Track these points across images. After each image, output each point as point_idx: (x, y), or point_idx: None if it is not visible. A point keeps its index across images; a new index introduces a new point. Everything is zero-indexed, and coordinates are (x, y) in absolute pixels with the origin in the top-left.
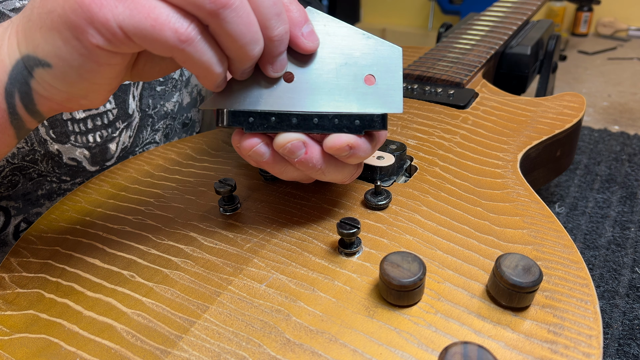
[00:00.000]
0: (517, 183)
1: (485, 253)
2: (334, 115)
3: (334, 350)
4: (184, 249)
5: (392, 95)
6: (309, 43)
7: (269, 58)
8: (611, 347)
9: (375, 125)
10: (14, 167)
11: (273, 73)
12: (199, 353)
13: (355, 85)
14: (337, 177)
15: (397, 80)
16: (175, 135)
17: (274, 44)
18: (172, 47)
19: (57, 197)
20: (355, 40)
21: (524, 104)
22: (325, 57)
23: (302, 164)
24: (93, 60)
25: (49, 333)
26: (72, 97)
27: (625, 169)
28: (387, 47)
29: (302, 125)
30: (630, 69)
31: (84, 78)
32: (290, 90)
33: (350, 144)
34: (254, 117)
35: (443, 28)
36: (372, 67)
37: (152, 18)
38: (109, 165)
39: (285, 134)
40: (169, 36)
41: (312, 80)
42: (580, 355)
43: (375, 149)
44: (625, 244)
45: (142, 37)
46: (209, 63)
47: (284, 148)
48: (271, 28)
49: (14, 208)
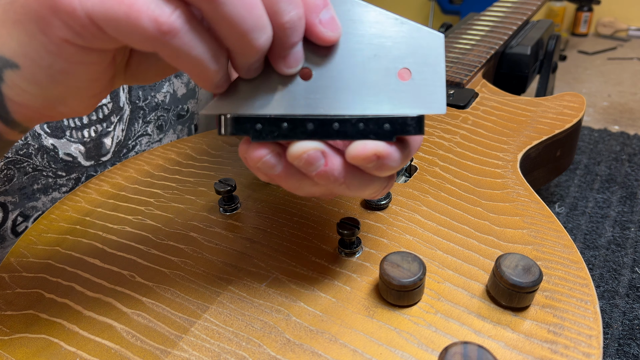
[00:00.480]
0: (517, 183)
1: (485, 253)
2: (358, 119)
3: (334, 350)
4: (184, 249)
5: (433, 93)
6: (328, 32)
7: (280, 50)
8: (611, 347)
9: (409, 130)
10: (8, 160)
11: (286, 69)
12: (199, 353)
13: (387, 81)
14: (364, 192)
15: (439, 75)
16: (170, 127)
17: (285, 32)
18: (153, 39)
19: (53, 191)
20: (386, 26)
21: (524, 104)
22: (350, 49)
23: (322, 177)
24: (63, 58)
25: (49, 333)
26: (48, 103)
27: (625, 169)
28: (426, 34)
29: (320, 131)
30: (630, 69)
31: (57, 80)
32: (308, 90)
33: (378, 153)
34: (262, 124)
35: (443, 28)
36: (407, 59)
37: (126, 4)
38: (105, 161)
39: (300, 143)
40: (147, 26)
41: (335, 77)
42: (580, 355)
43: (409, 158)
44: (625, 244)
45: (115, 28)
46: (201, 59)
47: (299, 159)
48: (281, 12)
49: (10, 203)
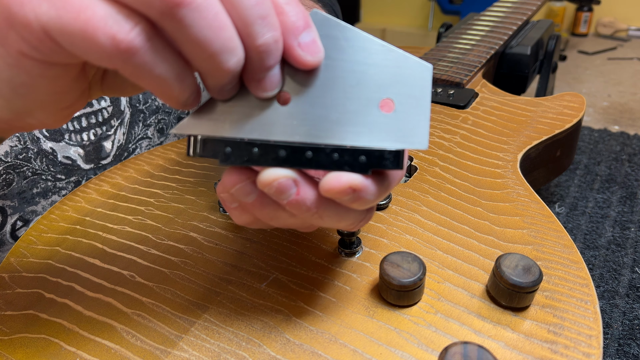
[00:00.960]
0: (517, 183)
1: (485, 253)
2: (333, 149)
3: (334, 350)
4: (184, 249)
5: (416, 127)
6: (307, 56)
7: (255, 73)
8: (611, 347)
9: (386, 164)
10: (8, 165)
11: (261, 93)
12: (199, 353)
13: (369, 111)
14: (339, 224)
15: (424, 108)
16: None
17: (260, 55)
18: (111, 57)
19: (53, 195)
20: (372, 53)
21: (524, 104)
22: (332, 74)
23: (293, 206)
24: (23, 71)
25: (49, 333)
26: (15, 115)
27: (625, 169)
28: (413, 64)
29: (292, 159)
30: (630, 69)
31: (19, 93)
32: (286, 116)
33: (353, 186)
34: (231, 147)
35: (443, 28)
36: (391, 89)
37: (82, 20)
38: (105, 164)
39: (271, 170)
40: (104, 43)
41: (314, 103)
42: (580, 355)
43: (388, 191)
44: (625, 244)
45: (72, 44)
46: (164, 78)
47: (269, 187)
48: (254, 35)
49: (9, 207)
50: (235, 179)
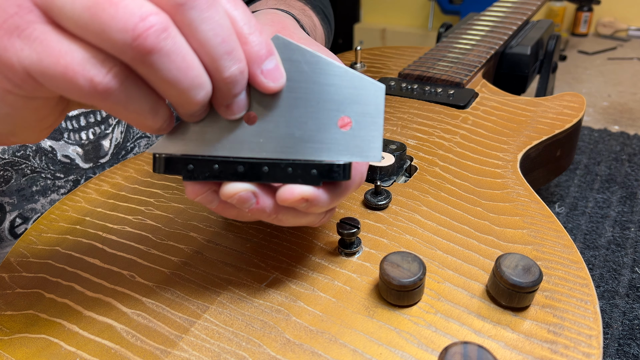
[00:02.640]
0: (517, 183)
1: (485, 253)
2: (287, 164)
3: (334, 350)
4: (184, 249)
5: (370, 142)
6: (269, 83)
7: (223, 100)
8: (611, 347)
9: (335, 176)
10: (5, 162)
11: (230, 116)
12: (199, 353)
13: (328, 128)
14: (299, 223)
15: (377, 125)
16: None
17: (227, 86)
18: (90, 96)
19: (52, 193)
20: (331, 75)
21: (524, 104)
22: (295, 95)
23: (254, 213)
24: (7, 104)
25: (49, 333)
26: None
27: (625, 169)
28: (368, 85)
29: (250, 174)
30: (630, 69)
31: (3, 121)
32: (253, 134)
33: (305, 197)
34: (194, 164)
35: (443, 28)
36: (349, 108)
37: (62, 65)
38: (104, 163)
39: (231, 185)
40: (83, 85)
41: (278, 122)
42: (580, 355)
43: (341, 199)
44: (625, 244)
45: (53, 85)
46: (139, 112)
47: (231, 199)
48: (222, 69)
49: (8, 204)
50: (197, 190)
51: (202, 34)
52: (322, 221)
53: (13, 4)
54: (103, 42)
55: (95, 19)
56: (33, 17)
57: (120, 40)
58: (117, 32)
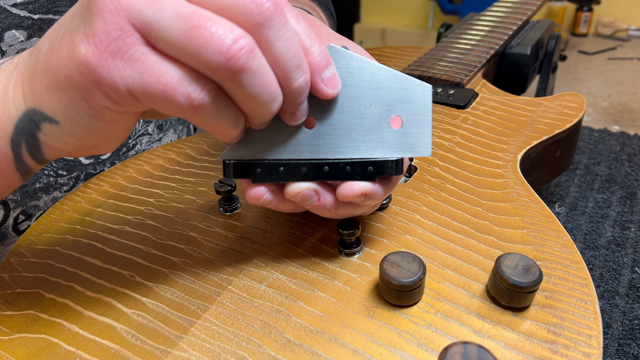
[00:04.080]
0: (517, 183)
1: (485, 253)
2: (345, 163)
3: (334, 350)
4: (184, 249)
5: (421, 138)
6: (329, 90)
7: (289, 108)
8: (611, 347)
9: (389, 172)
10: None
11: (293, 122)
12: (199, 353)
13: (381, 128)
14: (353, 215)
15: (426, 122)
16: (171, 126)
17: (294, 95)
18: (184, 111)
19: (54, 190)
20: (381, 78)
21: (524, 104)
22: (349, 100)
23: (316, 209)
24: (101, 120)
25: (49, 333)
26: (81, 148)
27: (625, 169)
28: (416, 85)
29: (312, 174)
30: (630, 69)
31: (93, 135)
32: (312, 137)
33: (364, 192)
34: (261, 168)
35: (443, 28)
36: (399, 107)
37: (163, 83)
38: (104, 159)
39: (295, 184)
40: (181, 102)
41: (335, 125)
42: (580, 355)
43: (391, 190)
44: (625, 244)
45: (153, 101)
46: (224, 125)
47: (295, 197)
48: (291, 81)
49: (12, 201)
50: (259, 193)
51: (277, 50)
52: (373, 209)
53: (116, 28)
54: (198, 63)
55: (192, 42)
56: (134, 40)
57: (215, 61)
58: (212, 54)
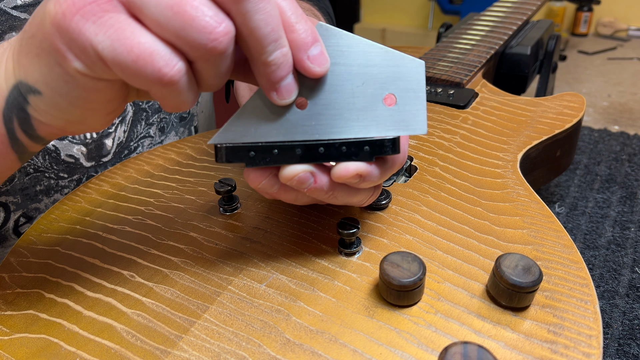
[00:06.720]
0: (517, 183)
1: (485, 253)
2: (341, 143)
3: (334, 350)
4: (184, 249)
5: (415, 115)
6: (315, 68)
7: (271, 84)
8: (611, 347)
9: (386, 151)
10: None
11: (280, 100)
12: (199, 353)
13: (375, 106)
14: (351, 201)
15: (420, 99)
16: (172, 129)
17: (270, 69)
18: (152, 84)
19: (55, 193)
20: (373, 56)
21: (524, 104)
22: (341, 78)
23: (312, 192)
24: (79, 86)
25: (49, 333)
26: (69, 123)
27: (625, 169)
28: (409, 62)
29: (307, 156)
30: (630, 69)
31: (75, 105)
32: (304, 118)
33: (360, 173)
34: (255, 151)
35: (443, 28)
36: (392, 85)
37: (135, 53)
38: (106, 162)
39: (290, 167)
40: (150, 75)
41: (327, 104)
42: (580, 355)
43: (390, 173)
44: (625, 244)
45: (121, 70)
46: (183, 102)
47: (291, 181)
48: (266, 54)
49: (12, 203)
50: (260, 176)
51: (255, 23)
52: (370, 200)
53: None
54: (178, 39)
55: (177, 17)
56: (110, 7)
57: (197, 40)
58: (196, 32)
